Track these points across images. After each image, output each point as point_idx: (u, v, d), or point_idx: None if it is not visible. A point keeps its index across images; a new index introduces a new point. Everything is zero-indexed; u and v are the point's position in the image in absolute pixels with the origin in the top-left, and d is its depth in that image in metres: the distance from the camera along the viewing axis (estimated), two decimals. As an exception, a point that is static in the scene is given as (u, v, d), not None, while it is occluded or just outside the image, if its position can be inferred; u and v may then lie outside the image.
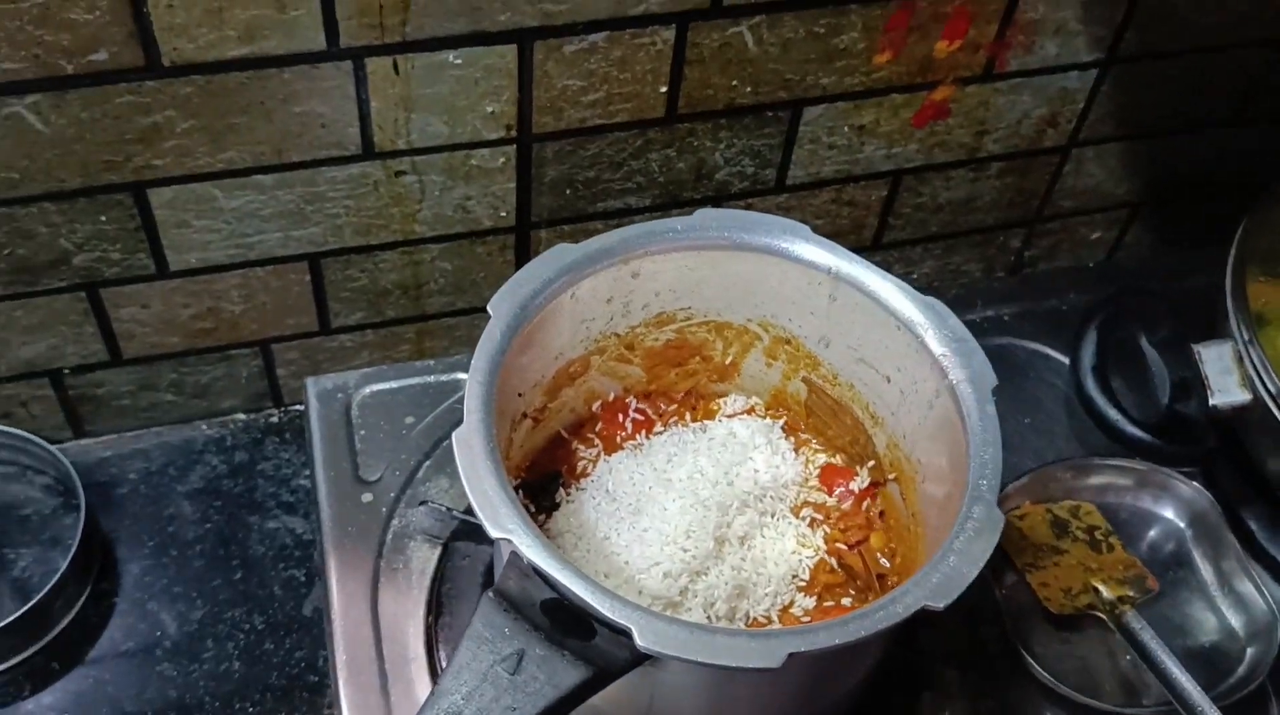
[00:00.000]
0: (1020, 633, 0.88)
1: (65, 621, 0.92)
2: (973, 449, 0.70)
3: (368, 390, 0.99)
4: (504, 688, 0.61)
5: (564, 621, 0.63)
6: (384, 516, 0.91)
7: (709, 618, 0.77)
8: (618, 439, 0.88)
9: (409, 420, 0.98)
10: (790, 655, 0.60)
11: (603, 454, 0.87)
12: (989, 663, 0.88)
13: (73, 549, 0.90)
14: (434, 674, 0.83)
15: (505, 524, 0.64)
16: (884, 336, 0.79)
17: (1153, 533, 0.96)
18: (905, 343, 0.78)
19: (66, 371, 0.98)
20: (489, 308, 0.74)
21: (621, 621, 0.61)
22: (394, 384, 0.99)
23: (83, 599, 0.93)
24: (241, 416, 1.06)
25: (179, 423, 1.05)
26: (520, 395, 0.79)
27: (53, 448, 0.96)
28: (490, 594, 0.63)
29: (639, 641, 0.61)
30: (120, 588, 0.95)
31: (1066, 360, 1.05)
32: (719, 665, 0.60)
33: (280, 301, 0.97)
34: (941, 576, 0.65)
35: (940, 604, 0.63)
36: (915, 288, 0.77)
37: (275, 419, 1.07)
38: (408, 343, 1.06)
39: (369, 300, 1.00)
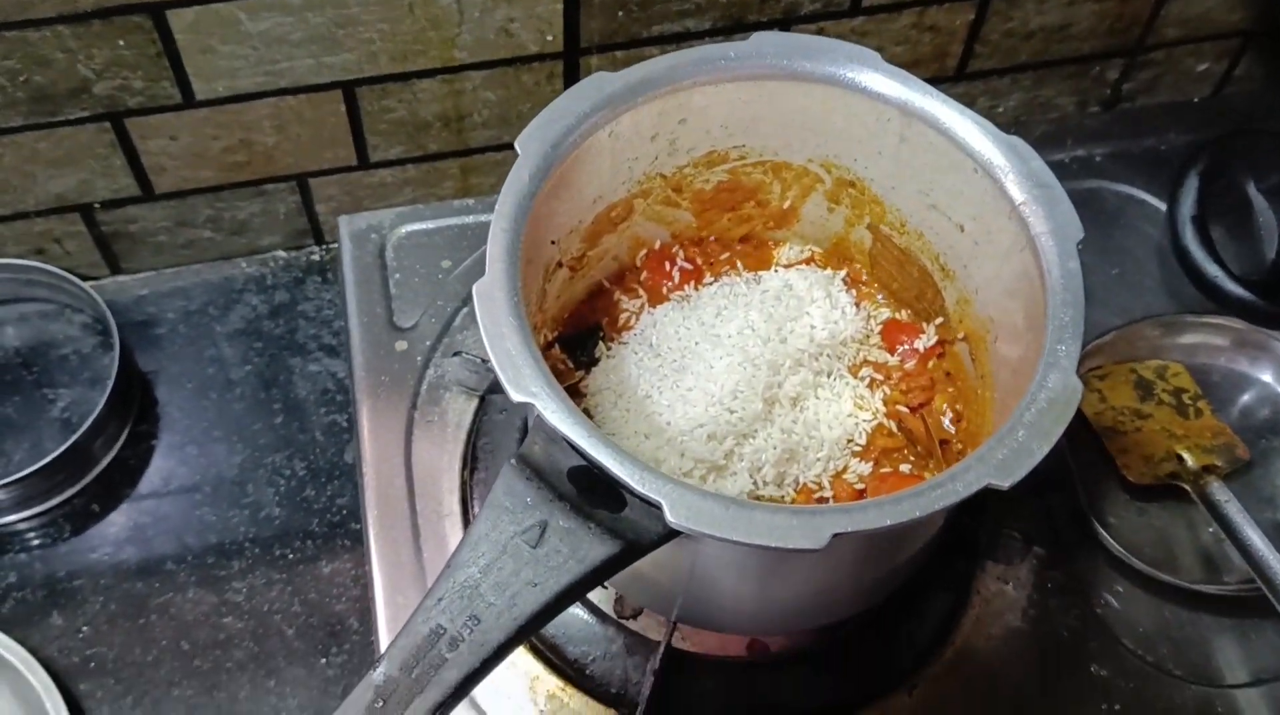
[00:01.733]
0: (1094, 500, 0.83)
1: (105, 462, 0.92)
2: (1051, 309, 0.63)
3: (404, 230, 0.95)
4: (525, 560, 0.57)
5: (591, 491, 0.59)
6: (419, 366, 0.88)
7: (756, 483, 0.72)
8: (664, 290, 0.83)
9: (446, 264, 0.94)
10: (835, 536, 0.55)
11: (647, 306, 0.82)
12: (1058, 532, 0.83)
13: (109, 388, 0.89)
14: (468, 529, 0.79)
15: (529, 386, 0.59)
16: (959, 180, 0.72)
17: (1246, 397, 0.90)
18: (983, 188, 0.70)
19: (97, 206, 0.95)
20: (516, 145, 0.68)
21: (652, 495, 0.56)
22: (430, 224, 0.95)
23: (121, 439, 0.93)
24: (282, 254, 1.04)
25: (218, 260, 1.03)
26: (554, 242, 0.73)
27: (87, 285, 0.95)
28: (513, 461, 0.59)
29: (670, 517, 0.56)
30: (160, 430, 0.94)
31: (1162, 207, 0.97)
32: (756, 545, 0.55)
33: (315, 133, 0.94)
34: (1008, 452, 0.59)
35: (1005, 483, 0.58)
36: (999, 125, 0.69)
37: (316, 257, 1.04)
38: (451, 179, 1.02)
39: (409, 133, 0.96)
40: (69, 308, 0.98)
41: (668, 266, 0.82)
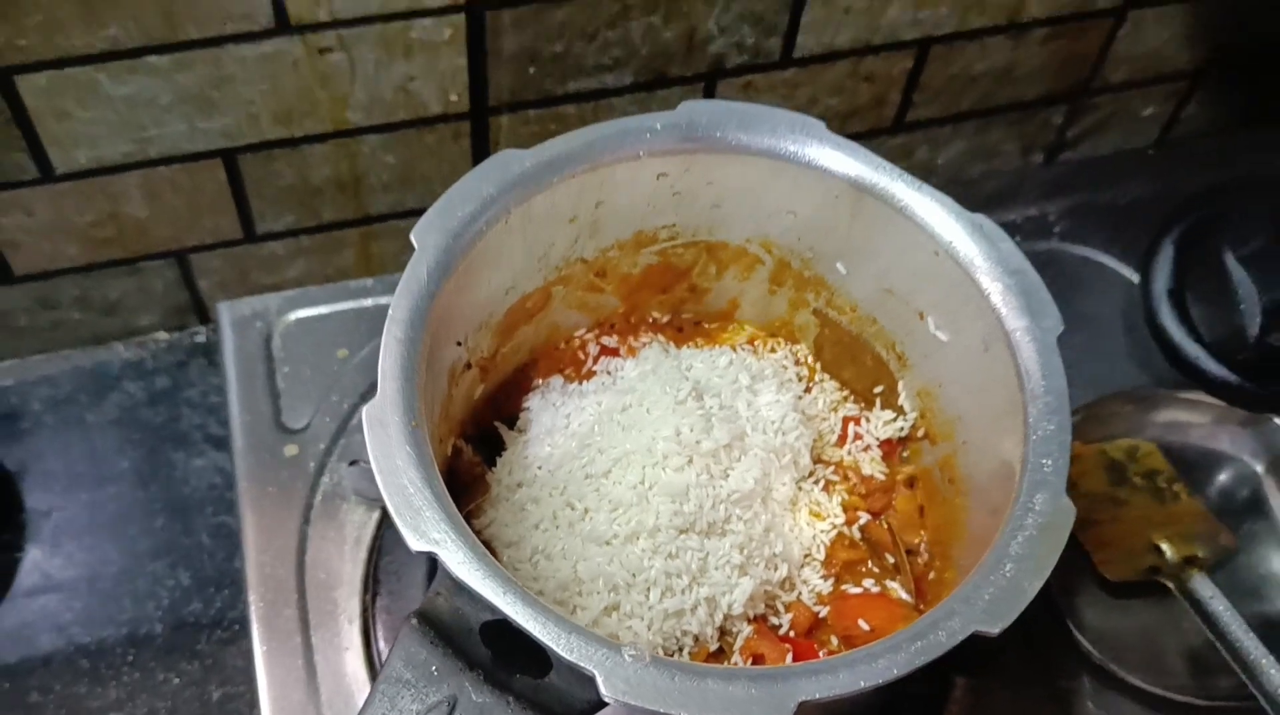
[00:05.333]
0: (1070, 601, 0.79)
1: (-43, 578, 0.85)
2: (1032, 416, 0.57)
3: (293, 317, 0.89)
4: (431, 749, 0.48)
5: (509, 651, 0.51)
6: (311, 473, 0.82)
7: (692, 606, 0.64)
8: (583, 369, 0.77)
9: (342, 353, 0.88)
10: (801, 704, 0.47)
11: (565, 385, 0.76)
12: (1032, 636, 0.78)
13: (-36, 493, 0.83)
14: (372, 667, 0.72)
15: (430, 532, 0.50)
16: (919, 263, 0.67)
17: (1223, 477, 0.87)
18: (946, 272, 0.65)
19: (-54, 291, 0.90)
20: (412, 237, 0.61)
21: (582, 663, 0.48)
22: (324, 309, 0.90)
23: (-21, 552, 0.86)
24: (163, 335, 0.98)
25: (90, 344, 0.97)
26: (460, 343, 0.65)
27: (-64, 378, 0.89)
28: (414, 620, 0.50)
29: (605, 691, 0.48)
30: (24, 538, 0.87)
31: (1126, 268, 0.95)
32: (708, 721, 0.47)
33: (193, 204, 0.89)
34: (996, 591, 0.52)
35: (995, 629, 0.51)
36: (943, 177, 0.64)
37: (201, 338, 0.98)
38: (350, 247, 0.97)
39: (299, 200, 0.92)
40: (-80, 401, 0.91)
41: (585, 352, 0.76)
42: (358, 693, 0.72)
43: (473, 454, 0.72)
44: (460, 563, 0.50)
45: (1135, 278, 0.93)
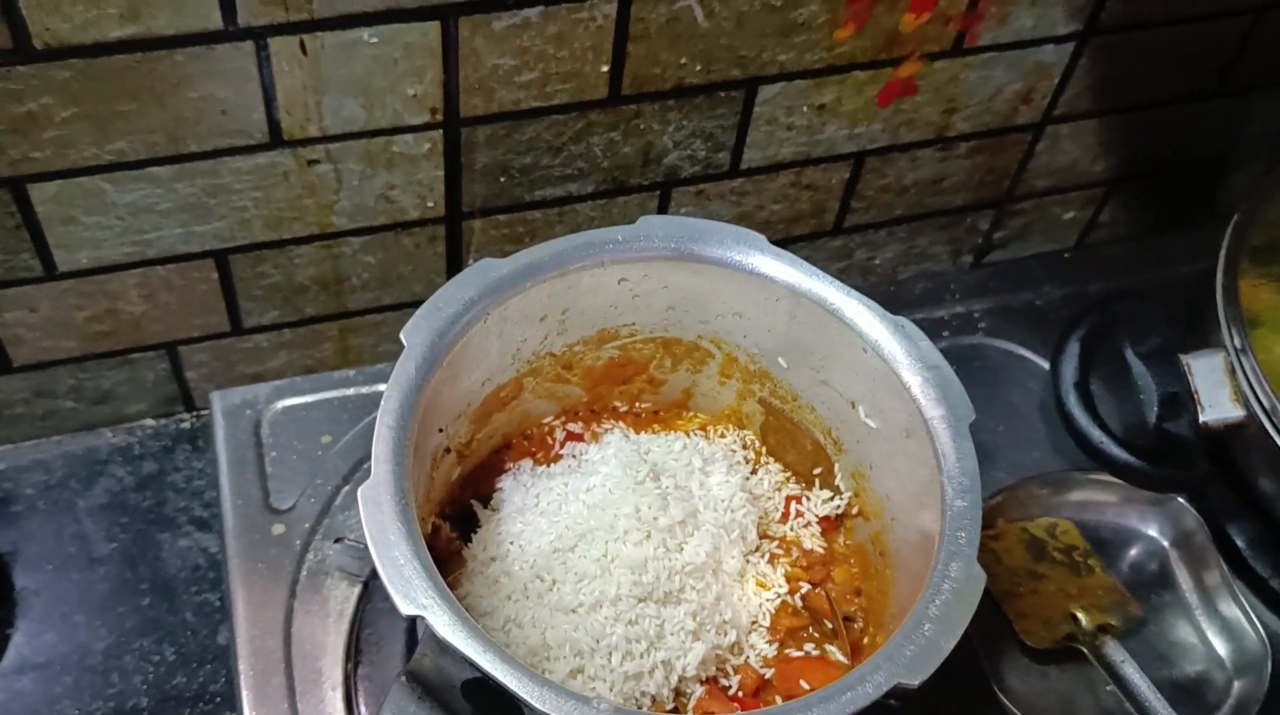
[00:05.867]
0: (995, 666, 0.83)
1: (-47, 655, 0.85)
2: (949, 495, 0.63)
3: (280, 405, 0.92)
4: (418, 794, 0.53)
5: (488, 706, 0.56)
6: (297, 550, 0.85)
7: (650, 669, 0.69)
8: (550, 453, 0.82)
9: (325, 439, 0.91)
10: (747, 749, 0.53)
11: (534, 467, 0.80)
12: (962, 700, 0.82)
13: (-42, 575, 0.84)
14: (354, 732, 0.75)
15: (419, 598, 0.56)
16: (850, 359, 0.72)
17: (1134, 552, 0.91)
18: (873, 367, 0.71)
19: (-53, 380, 0.91)
20: (402, 337, 0.66)
21: (553, 714, 0.53)
22: (309, 398, 0.92)
23: (-28, 630, 0.87)
24: (150, 422, 1.00)
25: (81, 431, 0.99)
26: (442, 430, 0.71)
27: (-65, 463, 0.90)
28: (402, 678, 0.56)
29: (574, 739, 0.53)
30: (16, 615, 0.89)
31: (1042, 361, 0.99)
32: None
33: (185, 301, 0.92)
34: (916, 649, 0.58)
35: (915, 681, 0.57)
36: (879, 277, 0.70)
37: (187, 425, 1.00)
38: (330, 341, 1.00)
39: (284, 297, 0.94)
40: (-83, 485, 0.93)
41: (553, 437, 0.81)
42: (341, 758, 0.75)
43: (450, 531, 0.76)
44: (446, 625, 0.56)
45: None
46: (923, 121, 0.99)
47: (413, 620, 0.79)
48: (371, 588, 0.82)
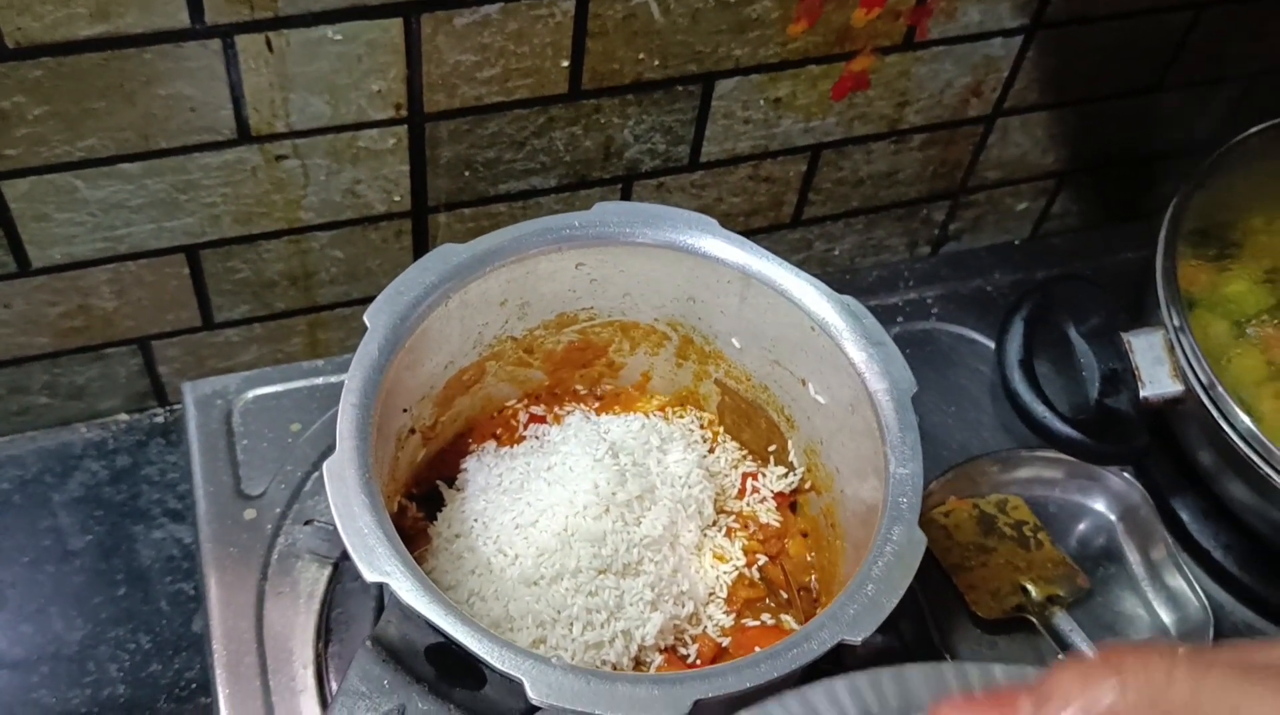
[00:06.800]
0: (946, 636, 0.85)
1: (-70, 646, 0.86)
2: (892, 463, 0.66)
3: (250, 395, 0.93)
4: (383, 749, 0.56)
5: (450, 669, 0.58)
6: (269, 534, 0.86)
7: (610, 639, 0.71)
8: (514, 435, 0.83)
9: (295, 427, 0.92)
10: (697, 702, 0.55)
11: (497, 449, 0.82)
12: (914, 670, 0.84)
13: (-65, 569, 0.84)
14: (324, 706, 0.77)
15: (382, 566, 0.58)
16: (798, 338, 0.75)
17: (1082, 526, 0.93)
18: (821, 345, 0.73)
19: (-76, 377, 0.92)
20: (365, 318, 0.68)
21: (512, 671, 0.56)
22: (279, 387, 0.93)
23: (-51, 622, 0.88)
24: (124, 417, 1.01)
25: (55, 426, 0.99)
26: (406, 410, 0.73)
27: (-89, 458, 0.90)
28: (368, 642, 0.58)
29: (531, 694, 0.56)
30: None
31: (993, 345, 1.01)
32: (619, 718, 0.55)
33: (157, 296, 0.92)
34: (859, 607, 0.60)
35: (858, 638, 0.59)
36: (835, 266, 0.72)
37: (160, 419, 1.01)
38: (299, 335, 1.01)
39: (254, 292, 0.95)
40: (-107, 481, 0.93)
41: (516, 420, 0.82)
42: (312, 729, 0.77)
43: (416, 511, 0.78)
44: (408, 590, 0.58)
45: (996, 350, 1.00)
46: (876, 115, 1.00)
47: (380, 598, 0.81)
48: (341, 569, 0.84)
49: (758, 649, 0.72)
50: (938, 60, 0.98)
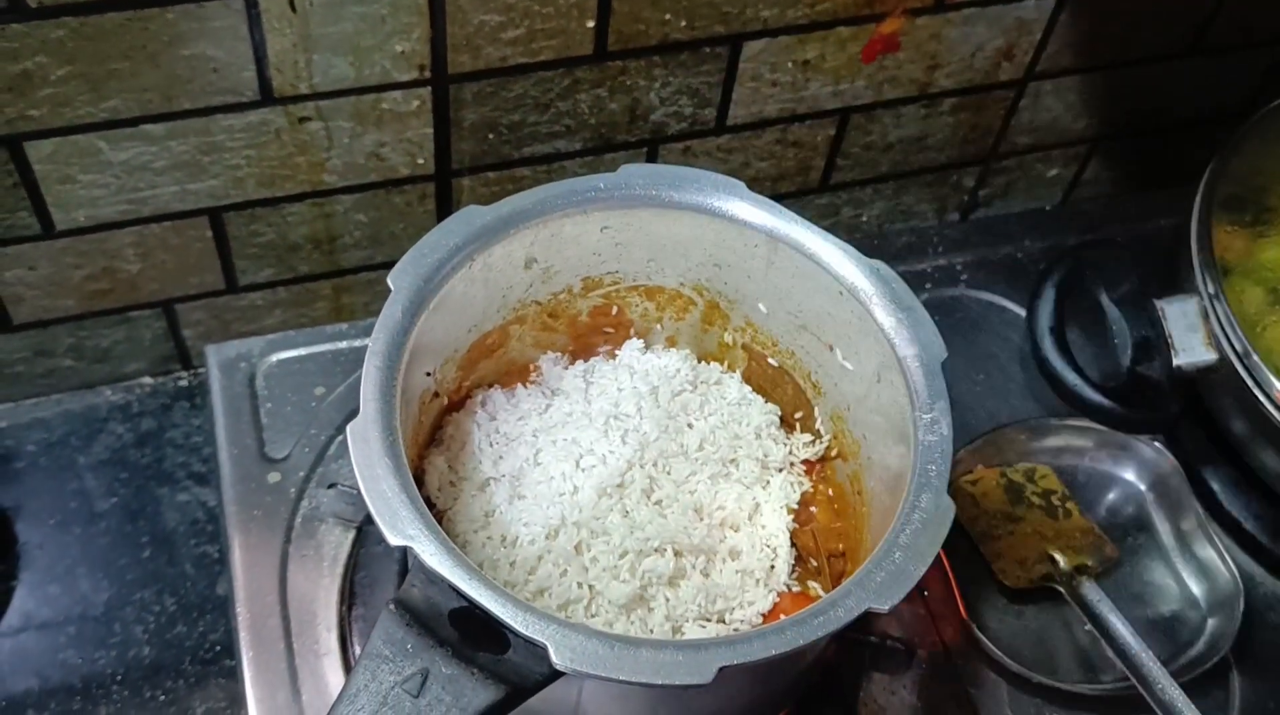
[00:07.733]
0: (973, 606, 0.85)
1: (-42, 606, 0.87)
2: (921, 430, 0.65)
3: (274, 358, 0.93)
4: (406, 712, 0.55)
5: (474, 633, 0.58)
6: (292, 498, 0.86)
7: (647, 602, 0.71)
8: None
9: (319, 391, 0.92)
10: (721, 669, 0.55)
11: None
12: (941, 639, 0.84)
13: (-37, 529, 0.85)
14: (348, 669, 0.78)
15: (406, 529, 0.58)
16: (826, 302, 0.74)
17: (1111, 496, 0.93)
18: (849, 310, 0.72)
19: (-51, 339, 0.92)
20: (389, 281, 0.67)
21: (536, 636, 0.56)
22: (302, 351, 0.93)
23: (-23, 582, 0.88)
24: (148, 380, 1.01)
25: (80, 389, 1.00)
26: (429, 373, 0.72)
27: (-62, 421, 0.91)
28: (391, 606, 0.58)
29: (555, 659, 0.55)
30: (19, 568, 0.90)
31: (1022, 312, 1.00)
32: (644, 684, 0.55)
33: (181, 259, 0.92)
34: (886, 575, 0.60)
35: (885, 606, 0.59)
36: (863, 232, 0.71)
37: (184, 382, 1.02)
38: (324, 299, 1.01)
39: (278, 256, 0.95)
40: (-80, 443, 0.94)
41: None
42: (336, 691, 0.76)
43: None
44: (432, 555, 0.57)
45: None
46: (906, 78, 0.99)
47: (404, 561, 0.81)
48: (365, 532, 0.84)
49: (783, 616, 0.72)
50: (969, 23, 0.97)
